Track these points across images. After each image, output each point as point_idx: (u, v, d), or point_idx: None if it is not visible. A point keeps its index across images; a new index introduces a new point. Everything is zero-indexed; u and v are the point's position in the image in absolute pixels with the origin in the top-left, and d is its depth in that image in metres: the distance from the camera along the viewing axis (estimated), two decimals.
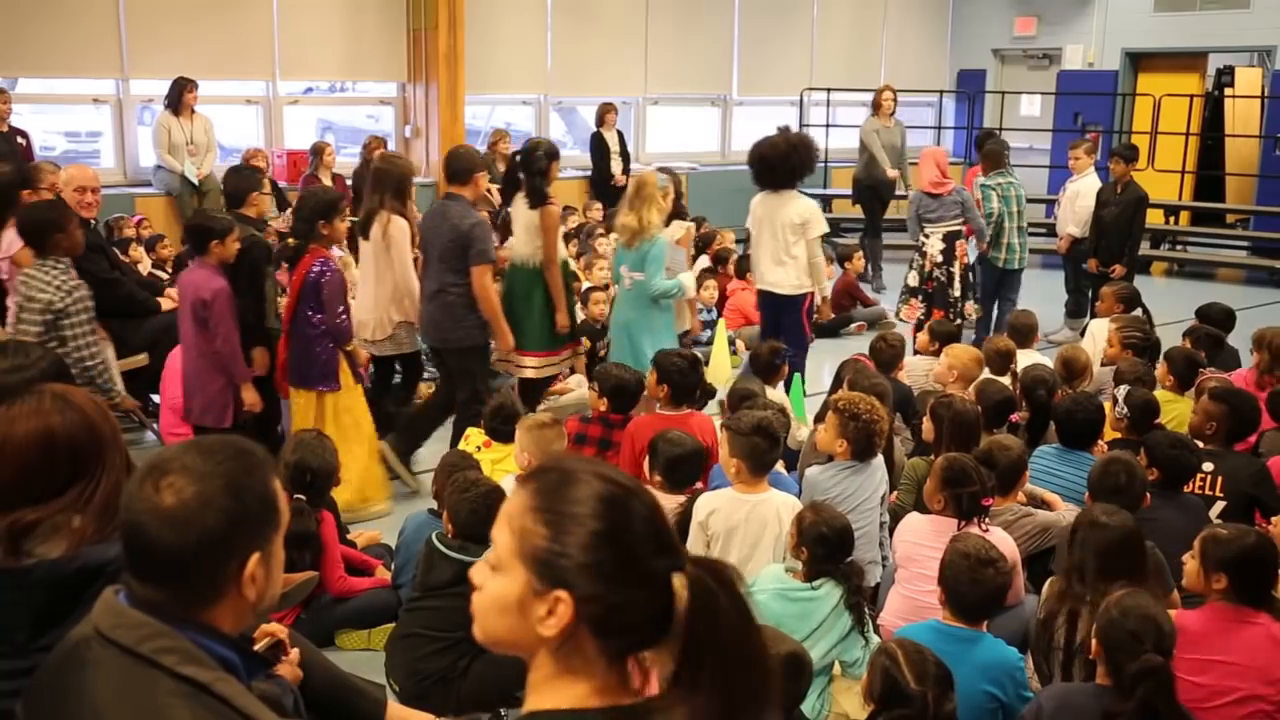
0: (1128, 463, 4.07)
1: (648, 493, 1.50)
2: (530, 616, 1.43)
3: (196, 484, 1.68)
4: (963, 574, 3.29)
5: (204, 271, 5.22)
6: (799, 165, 6.56)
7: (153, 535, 1.66)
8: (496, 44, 12.52)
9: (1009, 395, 5.20)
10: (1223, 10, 14.90)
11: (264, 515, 1.75)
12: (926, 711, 2.76)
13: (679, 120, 15.01)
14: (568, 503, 1.44)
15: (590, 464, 1.50)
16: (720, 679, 1.41)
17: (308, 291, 5.29)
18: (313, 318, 5.31)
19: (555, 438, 4.54)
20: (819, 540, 3.54)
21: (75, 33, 10.04)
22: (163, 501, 1.67)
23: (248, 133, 11.62)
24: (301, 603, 4.34)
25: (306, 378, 5.37)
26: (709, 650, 1.42)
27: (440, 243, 5.67)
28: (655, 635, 1.43)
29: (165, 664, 1.64)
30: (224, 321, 5.16)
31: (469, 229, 5.60)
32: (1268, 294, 11.75)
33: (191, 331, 5.26)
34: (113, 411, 5.03)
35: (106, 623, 1.69)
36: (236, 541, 1.71)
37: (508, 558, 1.45)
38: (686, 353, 5.35)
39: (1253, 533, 3.36)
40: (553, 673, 1.45)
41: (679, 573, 1.43)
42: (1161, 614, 2.97)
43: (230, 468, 1.72)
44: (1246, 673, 3.15)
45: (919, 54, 17.17)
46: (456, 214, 5.65)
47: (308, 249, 5.35)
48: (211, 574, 1.70)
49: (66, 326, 4.86)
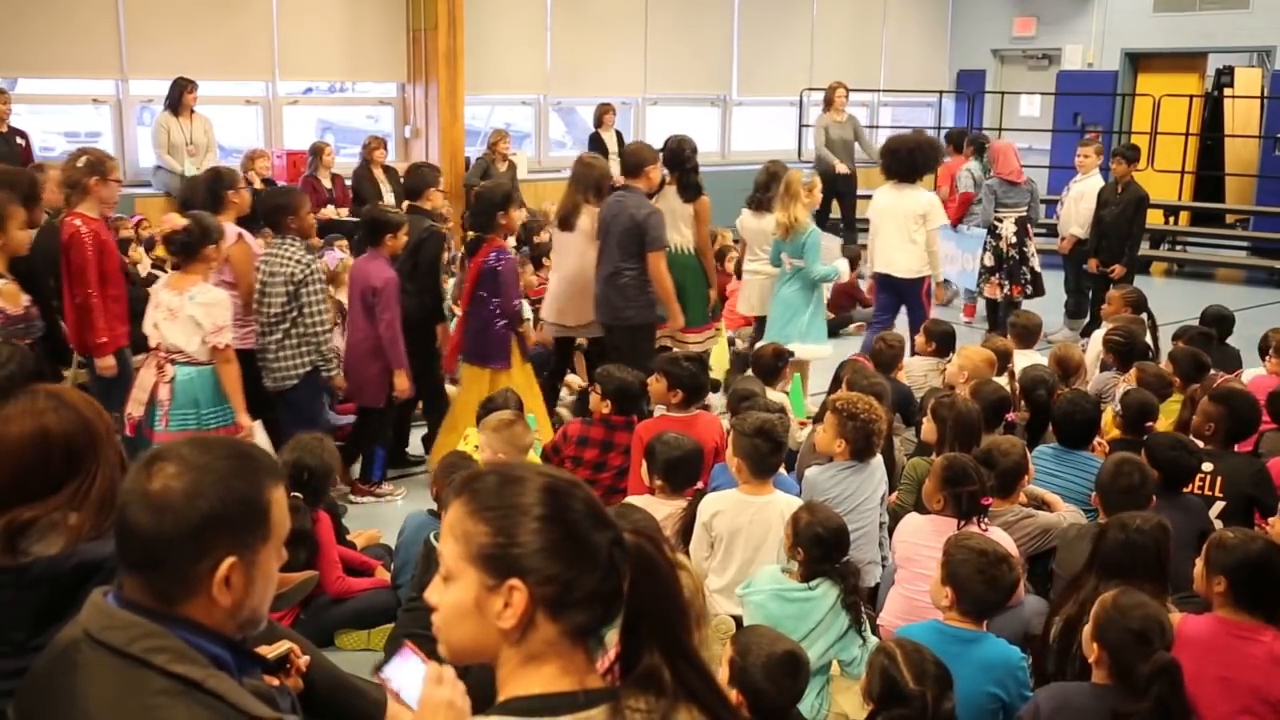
0: (1139, 463, 4.05)
1: (579, 482, 1.58)
2: (489, 614, 1.49)
3: (186, 475, 1.68)
4: (978, 573, 3.25)
5: (376, 262, 5.60)
6: (921, 162, 7.55)
7: (133, 518, 1.68)
8: (496, 44, 12.53)
9: (1005, 395, 5.20)
10: (1222, 10, 14.91)
11: (246, 520, 1.72)
12: (925, 711, 2.76)
13: (678, 120, 14.99)
14: (500, 498, 1.51)
15: (517, 464, 1.60)
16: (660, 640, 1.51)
17: (485, 278, 5.75)
18: (489, 301, 5.75)
19: (523, 433, 4.50)
20: (814, 541, 3.54)
21: (75, 33, 10.04)
22: (151, 486, 1.68)
23: (247, 133, 11.63)
24: (301, 603, 4.35)
25: (482, 356, 5.85)
26: (646, 613, 1.51)
27: (618, 230, 6.16)
28: (607, 611, 1.51)
29: (157, 663, 1.63)
30: (389, 309, 5.52)
31: (644, 218, 6.13)
32: (1268, 294, 11.75)
33: (360, 317, 5.65)
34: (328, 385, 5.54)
35: (96, 624, 1.68)
36: (210, 539, 1.68)
37: (457, 565, 1.52)
38: (693, 355, 5.37)
39: (1260, 539, 3.28)
40: (519, 663, 1.50)
41: (618, 546, 1.51)
42: (1161, 611, 2.97)
43: (225, 467, 1.71)
44: (1242, 689, 3.10)
45: (919, 54, 17.18)
46: (633, 204, 6.17)
47: (486, 239, 5.82)
48: (180, 567, 1.68)
49: (304, 295, 5.33)
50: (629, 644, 1.53)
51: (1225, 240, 14.24)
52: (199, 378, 4.91)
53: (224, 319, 4.91)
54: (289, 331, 5.33)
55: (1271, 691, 3.10)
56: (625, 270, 6.15)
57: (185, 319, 4.85)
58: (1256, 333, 6.30)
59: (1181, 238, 14.22)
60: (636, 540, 1.54)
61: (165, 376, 4.90)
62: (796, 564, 3.60)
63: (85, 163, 5.33)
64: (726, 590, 3.95)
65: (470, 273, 5.89)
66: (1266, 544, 3.25)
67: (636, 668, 1.51)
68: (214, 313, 4.87)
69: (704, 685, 1.53)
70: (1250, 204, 13.98)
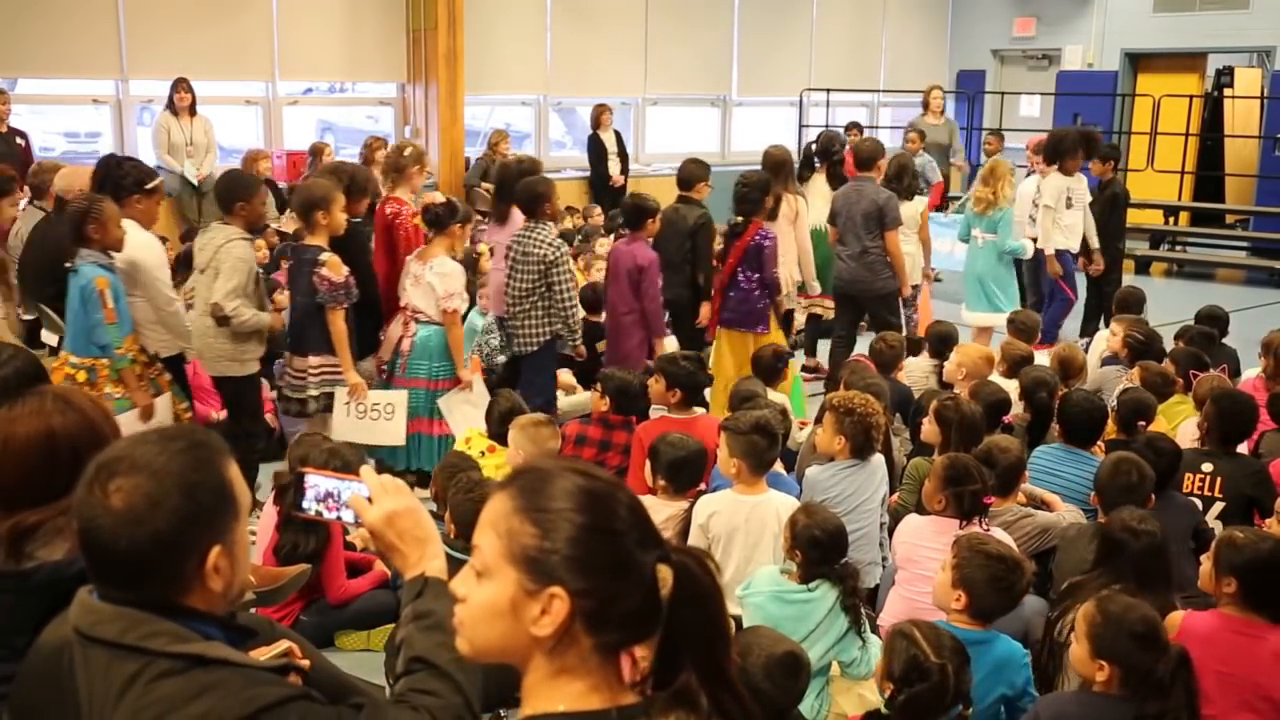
0: (1137, 462, 4.06)
1: (628, 488, 1.51)
2: (524, 618, 1.42)
3: (146, 484, 1.64)
4: (992, 579, 3.22)
5: (638, 244, 6.41)
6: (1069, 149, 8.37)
7: (106, 540, 1.63)
8: (496, 44, 12.52)
9: (1004, 396, 5.20)
10: (1222, 11, 14.91)
11: (219, 507, 1.71)
12: (946, 683, 2.76)
13: (678, 121, 15.02)
14: (550, 499, 1.44)
15: (570, 464, 1.50)
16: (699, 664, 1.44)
17: (750, 255, 6.56)
18: (751, 277, 6.56)
19: (550, 436, 4.54)
20: (812, 543, 3.53)
21: (75, 33, 10.04)
22: (112, 505, 1.63)
23: (247, 133, 11.63)
24: (303, 604, 4.35)
25: (744, 323, 6.67)
26: (688, 636, 1.44)
27: (860, 213, 7.28)
28: (645, 630, 1.44)
29: (154, 647, 1.62)
30: (652, 285, 6.33)
31: (884, 201, 7.30)
32: (1267, 294, 11.75)
33: (627, 293, 6.37)
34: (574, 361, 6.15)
35: (86, 621, 1.66)
36: (192, 539, 1.67)
37: (495, 561, 1.44)
38: (691, 355, 5.39)
39: (1271, 539, 3.27)
40: (549, 673, 1.44)
41: (665, 564, 1.44)
42: (1149, 608, 2.97)
43: (180, 463, 1.68)
44: (1244, 685, 3.09)
45: (918, 54, 17.18)
46: (871, 191, 7.35)
47: (751, 221, 6.61)
48: (171, 573, 1.67)
49: (553, 274, 5.91)
50: (664, 660, 1.45)
51: (1225, 240, 14.24)
52: (434, 336, 5.74)
53: (456, 287, 5.68)
54: (536, 304, 5.97)
55: (1274, 689, 3.10)
56: (871, 248, 7.26)
57: (425, 285, 5.65)
58: (1256, 333, 6.30)
59: (1181, 238, 14.21)
60: (682, 559, 1.47)
61: (409, 332, 5.77)
62: (795, 565, 3.60)
63: (411, 153, 6.27)
64: (725, 590, 3.91)
65: (735, 251, 6.64)
66: (1277, 544, 3.24)
67: (671, 685, 1.44)
68: (448, 281, 5.64)
69: (741, 714, 1.47)
70: (1250, 204, 13.98)
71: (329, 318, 5.35)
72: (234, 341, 5.28)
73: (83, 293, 4.80)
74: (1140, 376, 5.53)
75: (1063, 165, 8.50)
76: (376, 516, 1.77)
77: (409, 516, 1.78)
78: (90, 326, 4.82)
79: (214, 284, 5.21)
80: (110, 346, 4.86)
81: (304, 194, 5.54)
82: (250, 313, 5.23)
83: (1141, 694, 2.82)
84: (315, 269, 5.30)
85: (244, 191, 5.39)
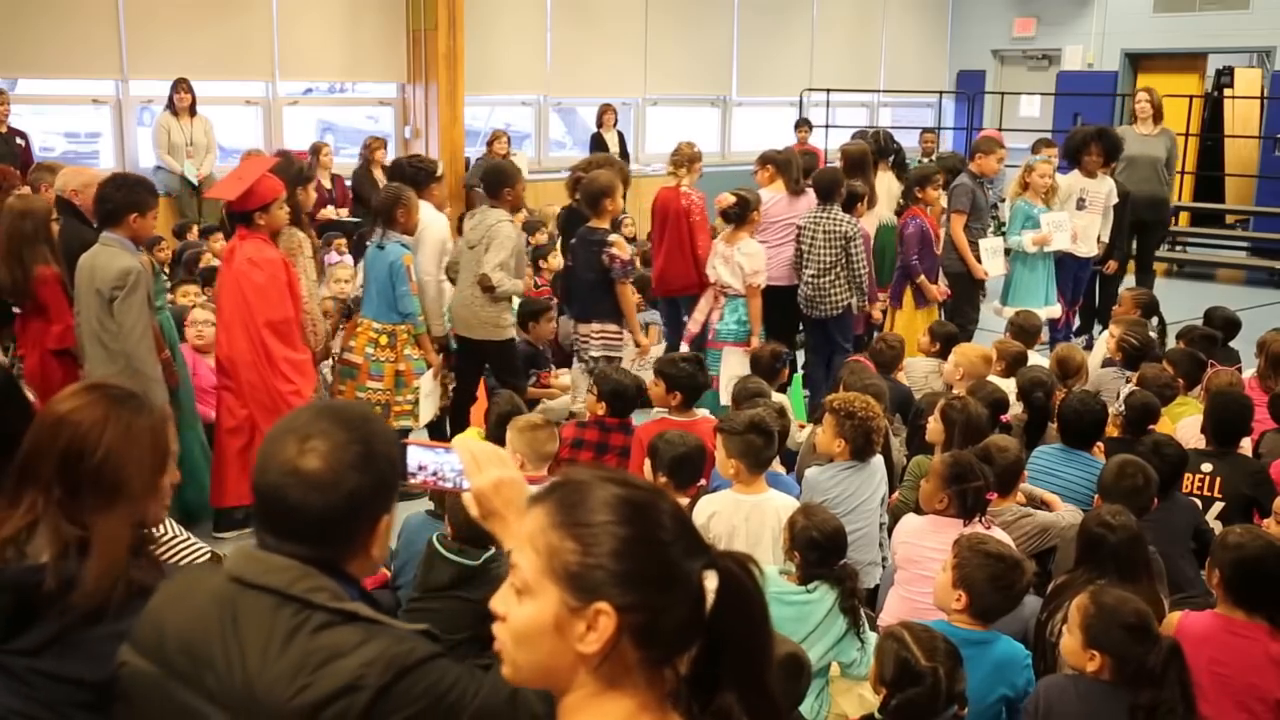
0: (1143, 465, 4.05)
1: (669, 496, 1.47)
2: (569, 636, 1.37)
3: (340, 449, 1.73)
4: (993, 579, 3.22)
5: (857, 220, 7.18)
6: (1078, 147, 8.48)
7: (298, 498, 1.71)
8: (496, 44, 12.52)
9: (1002, 396, 5.20)
10: (1222, 11, 14.91)
11: (394, 480, 1.82)
12: (939, 688, 2.76)
13: (679, 121, 15.01)
14: (591, 513, 1.39)
15: (607, 473, 1.46)
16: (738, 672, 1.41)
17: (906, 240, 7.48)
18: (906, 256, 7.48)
19: (547, 439, 4.52)
20: (810, 545, 3.53)
21: (75, 34, 10.03)
22: (306, 465, 1.71)
23: (247, 134, 11.62)
24: None
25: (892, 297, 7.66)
26: (730, 643, 1.41)
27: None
28: (693, 640, 1.40)
29: (317, 600, 1.68)
30: (866, 258, 7.10)
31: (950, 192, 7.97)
32: (1268, 294, 11.75)
33: None
34: None
35: (252, 569, 1.72)
36: (374, 507, 1.78)
37: (536, 578, 1.39)
38: (690, 356, 5.37)
39: (1263, 538, 3.27)
40: (595, 690, 1.39)
41: (711, 569, 1.40)
42: (1141, 602, 2.98)
43: (364, 433, 1.77)
44: (1238, 686, 3.10)
45: (918, 54, 17.18)
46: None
47: (908, 208, 7.62)
48: (350, 535, 1.77)
49: (851, 248, 6.87)
50: (704, 669, 1.40)
51: (1225, 240, 14.25)
52: (741, 305, 6.60)
53: (760, 265, 6.54)
54: (838, 274, 6.93)
55: (1269, 691, 3.10)
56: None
57: (734, 264, 6.54)
58: (1256, 333, 6.28)
59: (1181, 238, 14.21)
60: (728, 566, 1.42)
61: (719, 304, 6.70)
62: (794, 567, 3.60)
63: (697, 150, 7.60)
64: None
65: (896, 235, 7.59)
66: (1266, 543, 3.24)
67: (709, 695, 1.40)
68: (752, 260, 6.53)
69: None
70: (1250, 204, 13.99)
71: (619, 290, 6.15)
72: (496, 309, 6.10)
73: (391, 268, 5.84)
74: (1141, 380, 5.53)
75: (1080, 165, 8.46)
76: (485, 483, 1.80)
77: (514, 486, 1.80)
78: (398, 297, 5.85)
79: (484, 257, 6.02)
80: (414, 315, 5.91)
81: (591, 185, 6.36)
82: (511, 283, 6.10)
83: (1134, 684, 2.84)
84: (605, 248, 6.06)
85: (509, 179, 6.27)
